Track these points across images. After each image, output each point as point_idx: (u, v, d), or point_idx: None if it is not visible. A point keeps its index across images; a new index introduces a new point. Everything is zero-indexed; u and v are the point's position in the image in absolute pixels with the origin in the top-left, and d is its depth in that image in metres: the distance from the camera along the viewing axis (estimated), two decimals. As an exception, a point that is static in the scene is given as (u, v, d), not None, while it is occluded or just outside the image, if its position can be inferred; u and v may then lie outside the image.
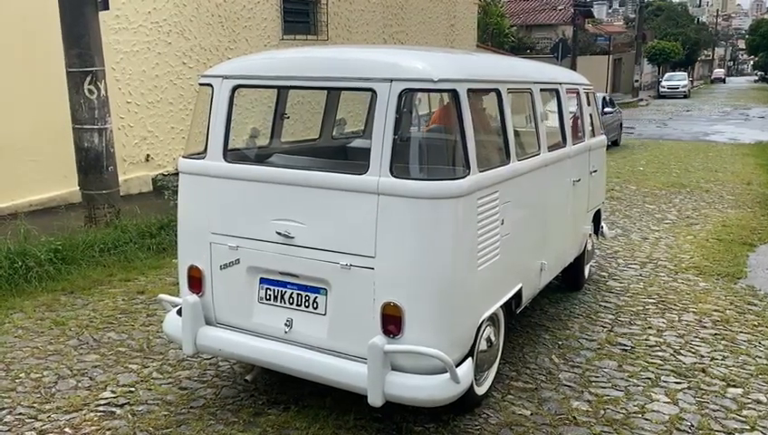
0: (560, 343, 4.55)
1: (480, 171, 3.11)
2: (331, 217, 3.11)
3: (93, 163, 6.69)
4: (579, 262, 5.34)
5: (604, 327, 4.86)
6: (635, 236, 7.66)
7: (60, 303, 5.20)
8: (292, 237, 3.20)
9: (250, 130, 4.73)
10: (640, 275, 6.14)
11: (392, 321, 3.00)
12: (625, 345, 4.54)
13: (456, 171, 3.04)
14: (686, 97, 40.77)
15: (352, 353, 3.11)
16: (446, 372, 2.97)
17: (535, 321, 4.91)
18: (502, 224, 3.39)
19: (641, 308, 5.26)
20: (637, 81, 39.01)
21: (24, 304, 5.12)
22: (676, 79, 43.11)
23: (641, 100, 36.83)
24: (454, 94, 3.02)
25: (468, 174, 3.02)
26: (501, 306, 3.59)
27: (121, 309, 5.09)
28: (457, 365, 3.04)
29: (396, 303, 2.98)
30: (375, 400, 2.97)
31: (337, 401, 3.60)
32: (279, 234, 3.22)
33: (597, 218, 5.72)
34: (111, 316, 4.94)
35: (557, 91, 4.46)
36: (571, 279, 5.46)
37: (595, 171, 5.33)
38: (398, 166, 2.98)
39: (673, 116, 26.98)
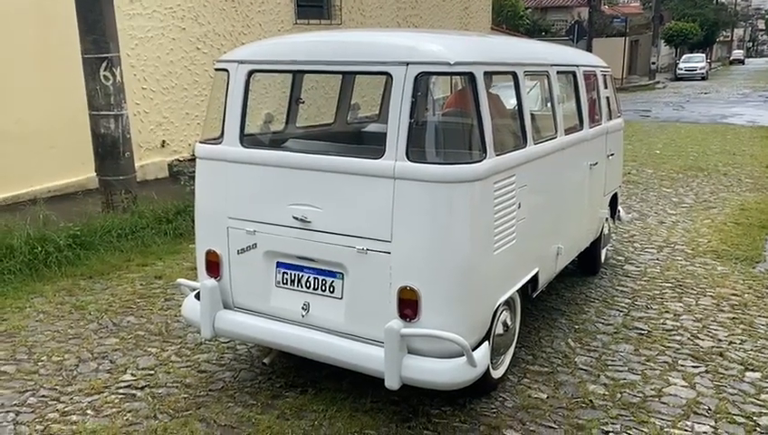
0: (576, 327, 4.55)
1: (497, 155, 3.10)
2: (347, 202, 3.12)
3: (110, 149, 6.74)
4: (595, 246, 5.31)
5: (621, 311, 4.84)
6: (651, 220, 7.60)
7: (79, 287, 5.27)
8: (309, 222, 3.21)
9: (264, 116, 4.72)
10: (657, 259, 6.10)
11: (408, 305, 3.01)
12: (642, 329, 4.52)
13: (472, 155, 3.03)
14: (703, 79, 40.17)
15: (369, 337, 3.13)
16: (463, 355, 2.98)
17: (551, 305, 4.90)
18: (518, 208, 3.38)
19: (658, 292, 5.23)
20: (653, 63, 38.51)
21: (45, 289, 5.19)
22: (694, 61, 42.44)
23: (658, 82, 36.37)
24: (470, 77, 3.00)
25: (485, 158, 3.01)
26: (517, 290, 3.59)
27: (140, 293, 5.15)
28: (474, 349, 3.05)
29: (412, 287, 2.99)
30: (392, 383, 2.99)
31: (354, 384, 3.63)
32: (296, 218, 3.23)
33: (614, 202, 5.68)
34: (130, 301, 5.00)
35: (574, 74, 4.41)
36: (587, 263, 5.44)
37: (612, 155, 5.28)
38: (415, 150, 2.97)
39: (690, 98, 26.60)
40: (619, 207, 5.90)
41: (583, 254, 5.07)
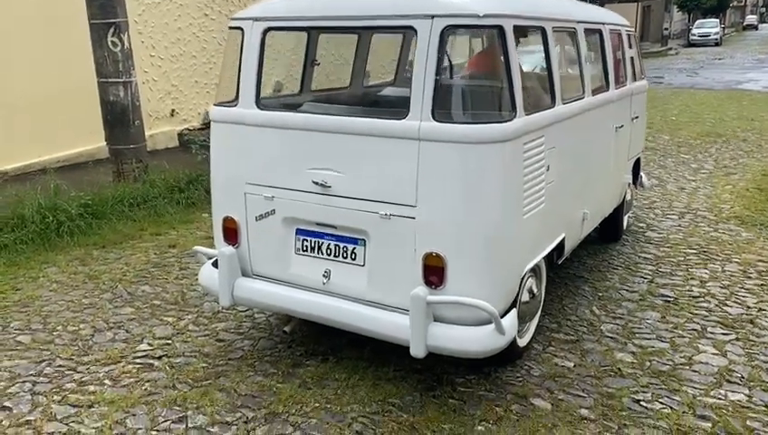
0: (600, 294, 4.44)
1: (526, 114, 2.96)
2: (369, 166, 2.99)
3: (119, 117, 6.61)
4: (618, 212, 5.17)
5: (645, 278, 4.73)
6: (671, 186, 7.45)
7: (92, 257, 5.19)
8: (329, 187, 3.09)
9: (274, 84, 4.57)
10: (679, 225, 5.96)
11: (434, 271, 2.90)
12: (667, 296, 4.41)
13: (501, 114, 2.89)
14: (717, 45, 39.44)
15: (392, 305, 3.03)
16: (491, 323, 2.87)
17: (574, 272, 4.79)
18: (547, 170, 3.24)
19: (682, 259, 5.11)
20: (666, 29, 37.84)
21: (57, 259, 5.12)
22: (708, 26, 41.63)
23: (670, 48, 35.73)
24: (500, 30, 2.84)
25: (515, 117, 2.87)
26: (543, 257, 3.47)
27: (153, 263, 5.07)
28: (502, 316, 2.94)
29: (438, 253, 2.87)
30: (417, 351, 2.90)
31: (375, 351, 3.55)
32: (315, 183, 3.11)
33: (636, 168, 5.52)
34: (144, 270, 4.93)
35: (600, 32, 4.23)
36: (609, 230, 5.30)
37: (637, 118, 5.12)
38: (441, 109, 2.82)
39: (704, 65, 26.13)
40: (642, 173, 5.75)
41: (606, 220, 4.92)
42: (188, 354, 3.65)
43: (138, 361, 3.60)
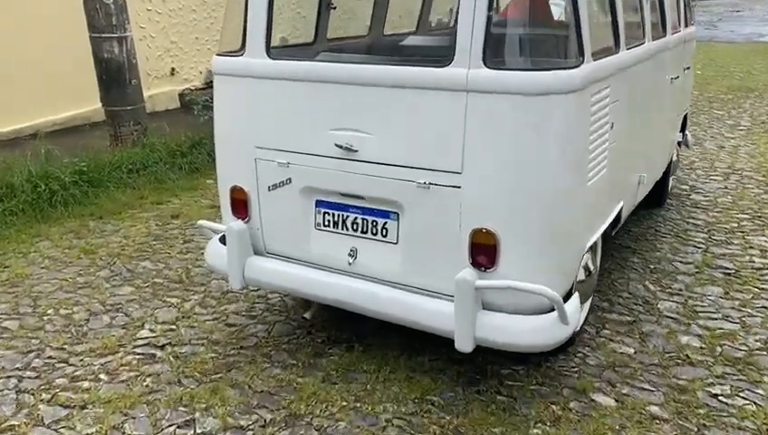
0: (651, 266, 3.98)
1: (593, 60, 2.45)
2: (404, 124, 2.50)
3: (115, 76, 6.09)
4: (665, 174, 4.68)
5: (698, 248, 4.26)
6: (709, 144, 6.92)
7: (88, 229, 4.75)
8: (356, 151, 2.61)
9: (279, 40, 4.10)
10: (726, 187, 5.47)
11: (484, 251, 2.44)
12: (727, 268, 3.95)
13: (567, 59, 2.38)
14: (734, -4, 38.11)
15: (432, 289, 2.58)
16: (551, 311, 2.43)
17: (619, 242, 4.32)
18: (611, 129, 2.75)
19: (736, 225, 4.63)
20: (681, -20, 36.47)
21: (50, 231, 4.68)
22: (724, -23, 40.15)
23: (686, 1, 34.49)
24: (566, -44, 2.32)
25: (582, 63, 2.36)
26: (602, 229, 3.00)
27: (155, 235, 4.63)
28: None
29: (489, 229, 2.41)
30: (464, 345, 2.46)
31: (405, 339, 3.10)
32: (339, 147, 2.63)
33: (683, 125, 5.00)
34: (145, 243, 4.48)
35: (657, -32, 3.69)
36: (653, 194, 4.79)
37: (688, 68, 4.58)
38: (494, 54, 2.32)
39: (722, 17, 25.10)
40: (687, 132, 5.23)
41: (652, 183, 4.44)
42: (195, 342, 3.23)
43: (138, 350, 3.18)
